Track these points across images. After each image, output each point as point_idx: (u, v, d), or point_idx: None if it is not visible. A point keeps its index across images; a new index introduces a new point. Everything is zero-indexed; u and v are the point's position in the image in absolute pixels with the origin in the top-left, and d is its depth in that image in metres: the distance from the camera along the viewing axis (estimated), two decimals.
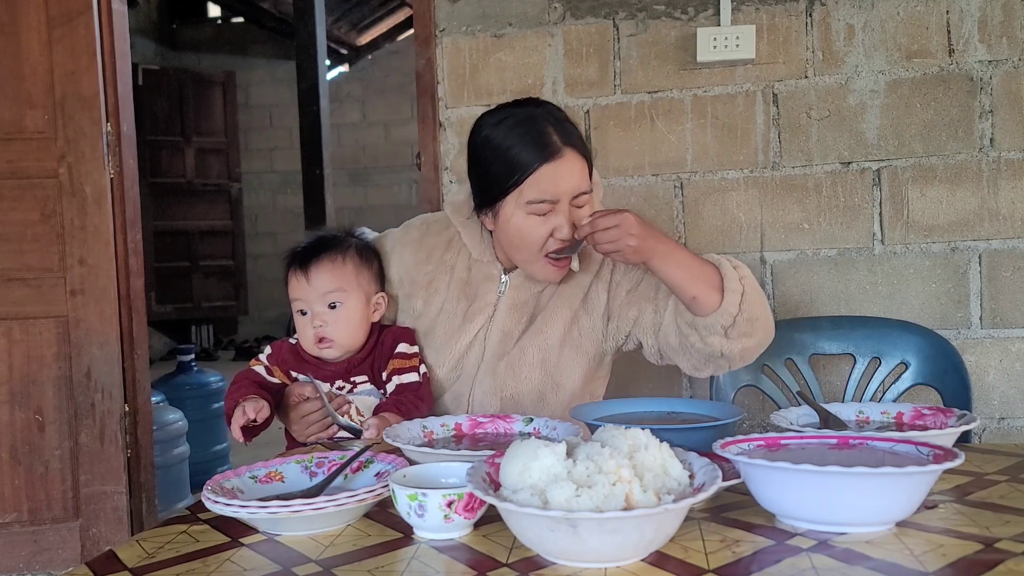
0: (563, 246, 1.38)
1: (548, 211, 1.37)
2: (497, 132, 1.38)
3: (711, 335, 1.32)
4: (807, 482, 0.80)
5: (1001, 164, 2.01)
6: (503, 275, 1.50)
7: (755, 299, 1.33)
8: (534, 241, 1.39)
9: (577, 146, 1.38)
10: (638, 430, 0.84)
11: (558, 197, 1.36)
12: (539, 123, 1.37)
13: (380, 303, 1.47)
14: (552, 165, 1.34)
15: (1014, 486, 0.97)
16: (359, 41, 8.65)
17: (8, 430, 2.43)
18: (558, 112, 1.41)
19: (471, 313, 1.49)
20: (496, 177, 1.38)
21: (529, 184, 1.35)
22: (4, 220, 2.41)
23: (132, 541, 0.87)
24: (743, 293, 1.30)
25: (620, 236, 1.27)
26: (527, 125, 1.37)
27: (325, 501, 0.86)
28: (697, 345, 1.35)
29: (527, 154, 1.34)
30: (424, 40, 2.24)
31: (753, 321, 1.32)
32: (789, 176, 2.10)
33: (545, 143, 1.35)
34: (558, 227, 1.37)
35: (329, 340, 1.40)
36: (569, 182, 1.36)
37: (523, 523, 0.75)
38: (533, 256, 1.41)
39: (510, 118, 1.38)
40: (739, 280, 1.31)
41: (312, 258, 1.42)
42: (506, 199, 1.38)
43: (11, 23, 2.39)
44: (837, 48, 2.06)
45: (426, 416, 1.35)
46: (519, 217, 1.38)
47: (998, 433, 2.05)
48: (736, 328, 1.31)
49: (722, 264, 1.32)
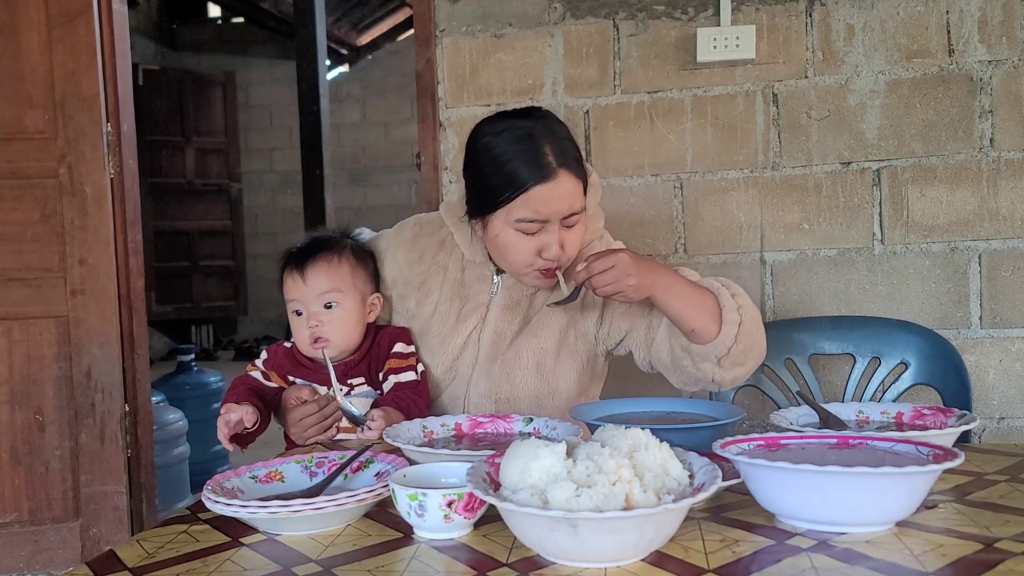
0: (550, 266, 1.38)
1: (537, 230, 1.36)
2: (495, 143, 1.36)
3: (704, 362, 1.33)
4: (807, 482, 0.80)
5: (1001, 164, 2.01)
6: (495, 276, 1.50)
7: (752, 328, 1.32)
8: (521, 258, 1.39)
9: (572, 167, 1.35)
10: (638, 430, 0.84)
11: (548, 218, 1.35)
12: (536, 140, 1.34)
13: (376, 304, 1.48)
14: (545, 187, 1.32)
15: (1014, 486, 0.97)
16: (359, 41, 8.65)
17: (8, 430, 2.43)
18: (558, 128, 1.39)
19: (464, 313, 1.49)
20: (489, 189, 1.36)
21: (520, 203, 1.33)
22: (4, 220, 2.41)
23: (132, 541, 0.87)
24: (740, 324, 1.30)
25: (618, 278, 1.27)
26: (525, 142, 1.34)
27: (325, 501, 0.86)
28: (689, 369, 1.36)
29: (521, 172, 1.32)
30: (424, 40, 2.24)
31: (748, 351, 1.32)
32: (789, 176, 2.10)
33: (540, 163, 1.32)
34: (546, 246, 1.36)
35: (325, 340, 1.40)
36: (561, 203, 1.34)
37: (523, 523, 0.75)
38: (520, 270, 1.41)
39: (509, 131, 1.36)
40: (737, 310, 1.30)
41: (308, 259, 1.42)
42: (496, 213, 1.37)
43: (11, 23, 2.39)
44: (837, 48, 2.07)
45: (425, 414, 1.36)
46: (507, 233, 1.37)
47: (998, 433, 2.05)
48: (730, 358, 1.31)
49: (721, 294, 1.32)
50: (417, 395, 1.41)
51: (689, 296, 1.30)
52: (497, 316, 1.48)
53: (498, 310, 1.48)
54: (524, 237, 1.37)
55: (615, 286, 1.28)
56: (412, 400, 1.39)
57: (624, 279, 1.27)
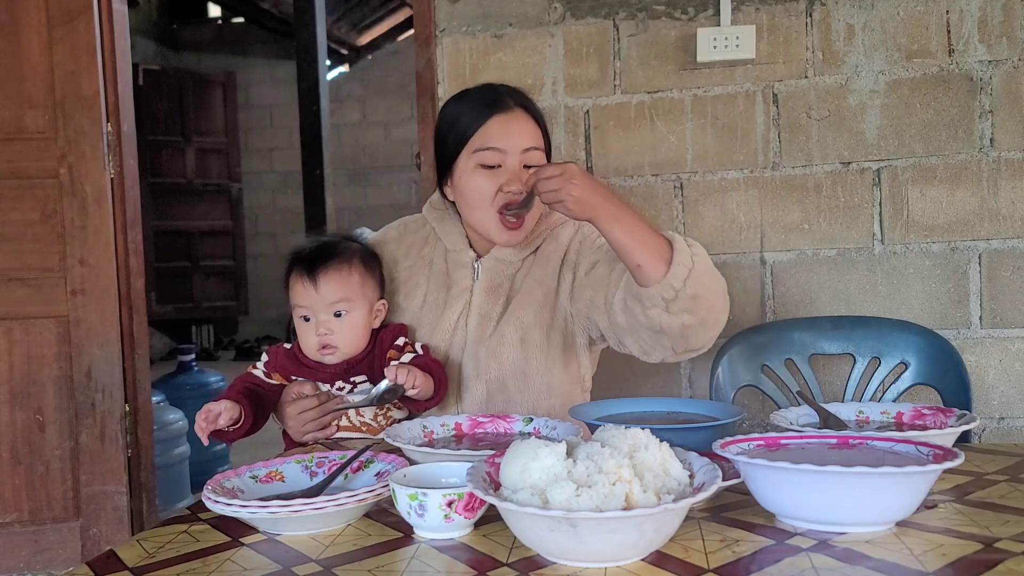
0: (513, 200, 1.41)
1: (497, 164, 1.42)
2: (454, 104, 1.49)
3: (652, 307, 1.27)
4: (807, 482, 0.80)
5: (1001, 164, 2.01)
6: (475, 262, 1.53)
7: (703, 279, 1.27)
8: (484, 195, 1.43)
9: (529, 109, 1.46)
10: (638, 430, 0.84)
11: (506, 148, 1.41)
12: (495, 87, 1.48)
13: (381, 310, 1.49)
14: (502, 117, 1.42)
15: (1014, 486, 0.97)
16: (359, 41, 8.66)
17: (9, 430, 2.43)
18: (520, 90, 1.49)
19: (449, 300, 1.52)
20: (452, 138, 1.46)
21: (479, 134, 1.43)
22: (4, 220, 2.41)
23: (132, 541, 0.87)
24: (691, 269, 1.25)
25: (562, 184, 1.25)
26: (485, 89, 1.48)
27: (325, 501, 0.86)
28: (640, 318, 1.30)
29: (479, 108, 1.44)
30: (424, 40, 2.24)
31: (695, 298, 1.26)
32: (789, 176, 2.10)
33: (498, 99, 1.44)
34: (507, 182, 1.41)
35: (332, 347, 1.41)
36: (519, 137, 1.42)
37: (523, 523, 0.75)
38: (487, 214, 1.44)
39: (468, 91, 1.50)
40: (690, 256, 1.26)
41: (319, 266, 1.41)
42: (460, 156, 1.45)
43: (11, 23, 2.39)
44: (837, 48, 2.07)
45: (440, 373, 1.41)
46: (469, 175, 1.44)
47: (998, 433, 2.05)
48: (678, 303, 1.25)
49: (675, 239, 1.28)
50: (428, 360, 1.42)
51: (637, 232, 1.26)
52: (481, 299, 1.50)
53: (481, 293, 1.50)
54: (486, 175, 1.43)
55: (557, 194, 1.26)
56: (425, 362, 1.40)
57: (568, 187, 1.24)
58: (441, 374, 1.41)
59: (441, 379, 1.41)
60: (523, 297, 1.49)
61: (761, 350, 1.86)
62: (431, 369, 1.39)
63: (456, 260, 1.54)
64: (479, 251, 1.54)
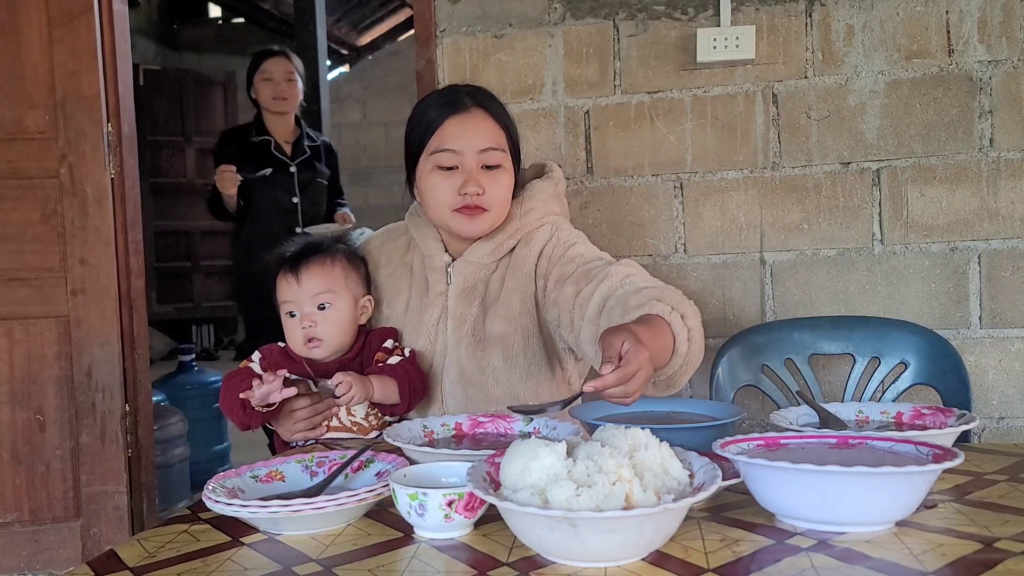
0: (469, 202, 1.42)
1: (453, 165, 1.42)
2: (419, 106, 1.51)
3: None
4: (807, 482, 0.80)
5: (1001, 164, 2.01)
6: (448, 267, 1.52)
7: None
8: (442, 196, 1.44)
9: (489, 108, 1.45)
10: (638, 430, 0.85)
11: (461, 149, 1.42)
12: (456, 88, 1.49)
13: (367, 306, 1.51)
14: (457, 118, 1.43)
15: (1014, 486, 0.97)
16: (359, 41, 8.66)
17: (9, 430, 2.43)
18: (483, 90, 1.49)
19: (425, 305, 1.52)
20: (413, 140, 1.48)
21: (436, 136, 1.44)
22: (5, 220, 2.41)
23: (133, 541, 0.88)
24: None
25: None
26: (443, 91, 1.50)
27: (325, 501, 0.86)
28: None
29: (437, 110, 1.45)
30: (424, 40, 2.24)
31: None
32: (789, 176, 2.10)
33: (455, 101, 1.44)
34: (464, 183, 1.41)
35: (318, 340, 1.43)
36: (474, 137, 1.42)
37: (523, 523, 0.76)
38: (444, 213, 1.45)
39: (432, 93, 1.53)
40: (687, 339, 1.20)
41: (302, 261, 1.44)
42: (420, 160, 1.47)
43: (12, 23, 2.39)
44: (837, 48, 2.07)
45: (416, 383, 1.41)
46: (429, 177, 1.45)
47: (998, 433, 2.05)
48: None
49: (673, 323, 1.19)
50: (408, 364, 1.44)
51: (658, 353, 1.14)
52: (455, 302, 1.50)
53: (456, 296, 1.50)
54: (444, 176, 1.43)
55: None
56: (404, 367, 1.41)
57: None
58: (419, 382, 1.43)
59: (416, 387, 1.42)
60: (501, 302, 1.49)
61: (761, 350, 1.86)
62: (409, 376, 1.40)
63: (431, 265, 1.54)
64: (454, 254, 1.54)
